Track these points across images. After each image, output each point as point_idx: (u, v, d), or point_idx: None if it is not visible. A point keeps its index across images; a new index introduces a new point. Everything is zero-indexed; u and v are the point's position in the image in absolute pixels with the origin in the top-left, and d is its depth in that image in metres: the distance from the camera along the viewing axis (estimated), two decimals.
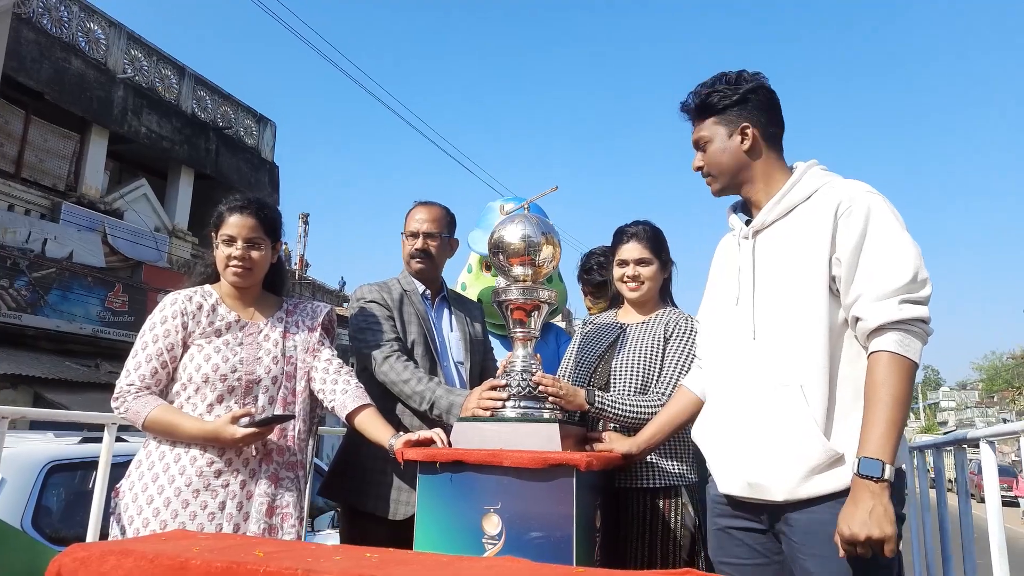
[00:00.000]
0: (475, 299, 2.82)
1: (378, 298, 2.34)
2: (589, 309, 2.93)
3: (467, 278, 2.95)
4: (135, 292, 11.64)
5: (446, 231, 2.47)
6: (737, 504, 1.63)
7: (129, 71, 12.32)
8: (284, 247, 21.70)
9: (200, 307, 2.02)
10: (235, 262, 2.00)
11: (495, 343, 2.88)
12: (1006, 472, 18.27)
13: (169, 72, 13.32)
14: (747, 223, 1.71)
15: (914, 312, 1.44)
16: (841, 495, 1.43)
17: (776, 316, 1.58)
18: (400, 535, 2.00)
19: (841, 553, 1.39)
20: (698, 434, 1.77)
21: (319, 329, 2.13)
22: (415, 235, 2.41)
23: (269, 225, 2.05)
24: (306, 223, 21.30)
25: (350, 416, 2.02)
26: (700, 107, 1.70)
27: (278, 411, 1.98)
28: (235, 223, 2.01)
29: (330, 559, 1.33)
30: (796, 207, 1.62)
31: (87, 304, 11.00)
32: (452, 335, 2.44)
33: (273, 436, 1.98)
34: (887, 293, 1.45)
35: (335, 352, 2.14)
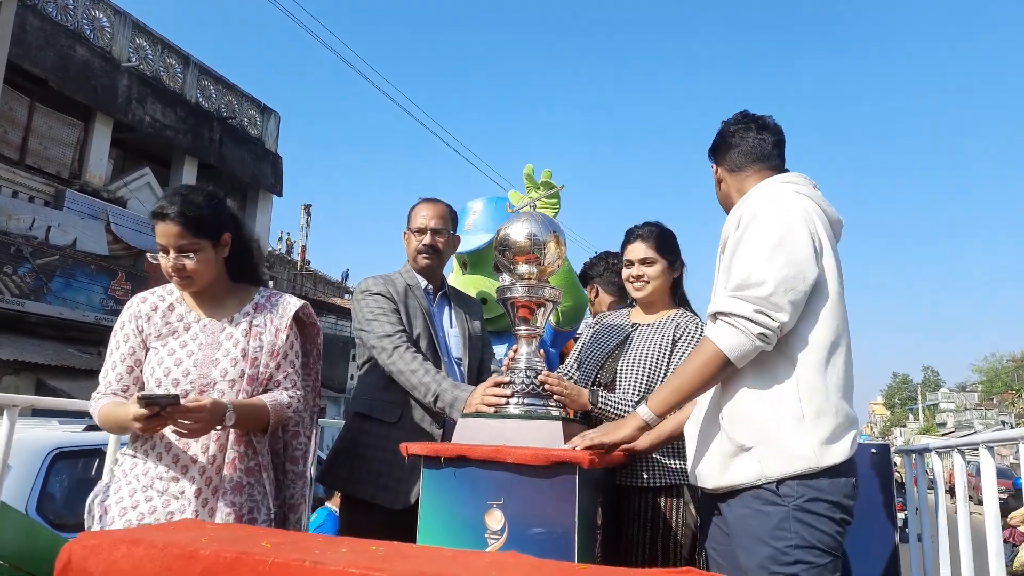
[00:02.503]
0: None
1: (384, 291, 2.35)
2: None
3: (448, 278, 2.99)
4: (138, 280, 11.65)
5: (451, 228, 2.49)
6: (705, 493, 1.80)
7: (134, 60, 12.31)
8: (286, 236, 21.75)
9: (155, 308, 1.93)
10: (171, 273, 1.88)
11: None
12: (1004, 475, 18.29)
13: (174, 61, 13.31)
14: None
15: (733, 307, 1.59)
16: (753, 488, 1.58)
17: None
18: (398, 524, 2.06)
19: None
20: (685, 429, 1.91)
21: (287, 331, 1.97)
22: (422, 231, 2.43)
23: (198, 225, 1.85)
24: (308, 214, 21.32)
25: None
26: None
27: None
28: (161, 232, 1.85)
29: (337, 551, 1.36)
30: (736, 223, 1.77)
31: (90, 292, 11.03)
32: (452, 331, 2.46)
33: (232, 442, 1.86)
34: (729, 290, 1.63)
35: (298, 361, 2.01)
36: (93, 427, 3.95)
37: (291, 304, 2.02)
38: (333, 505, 4.66)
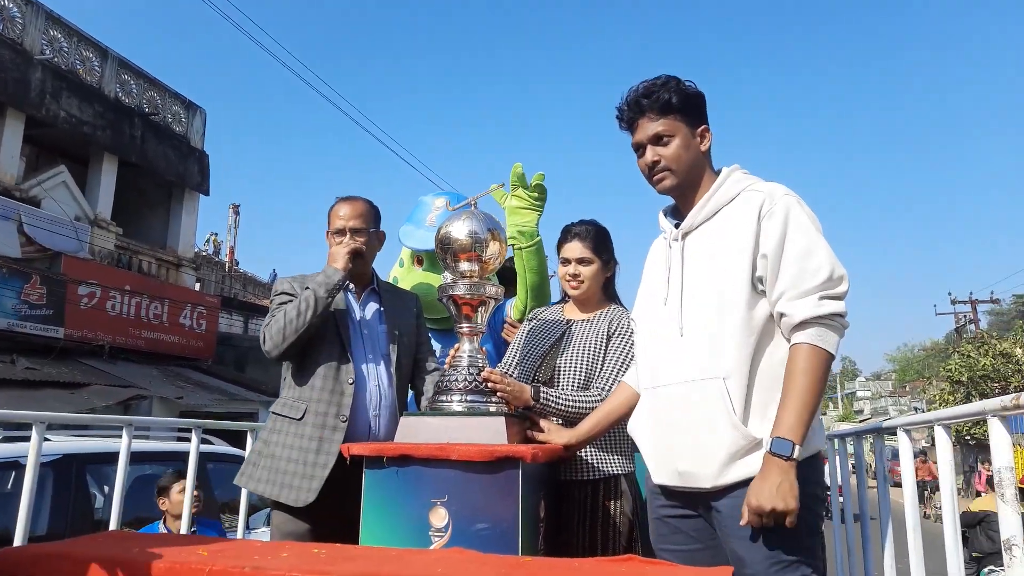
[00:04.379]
0: None
1: (286, 288, 2.35)
2: None
3: (399, 272, 2.93)
4: (54, 284, 11.05)
5: (372, 225, 2.43)
6: (671, 493, 1.71)
7: (47, 52, 11.66)
8: (214, 237, 21.04)
9: None
10: None
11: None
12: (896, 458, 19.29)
13: (91, 54, 12.66)
14: (676, 225, 1.79)
15: (831, 308, 1.56)
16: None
17: (702, 313, 1.67)
18: (301, 519, 2.16)
19: (743, 520, 1.51)
20: (633, 427, 1.85)
21: None
22: (341, 232, 2.37)
23: None
24: (237, 213, 20.70)
25: None
26: (664, 103, 1.72)
27: None
28: None
29: (277, 556, 1.33)
30: (721, 209, 1.72)
31: (1, 297, 10.40)
32: (380, 328, 2.41)
33: None
34: (808, 291, 1.56)
35: None
36: (10, 438, 3.74)
37: None
38: None
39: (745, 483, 1.54)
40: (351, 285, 2.43)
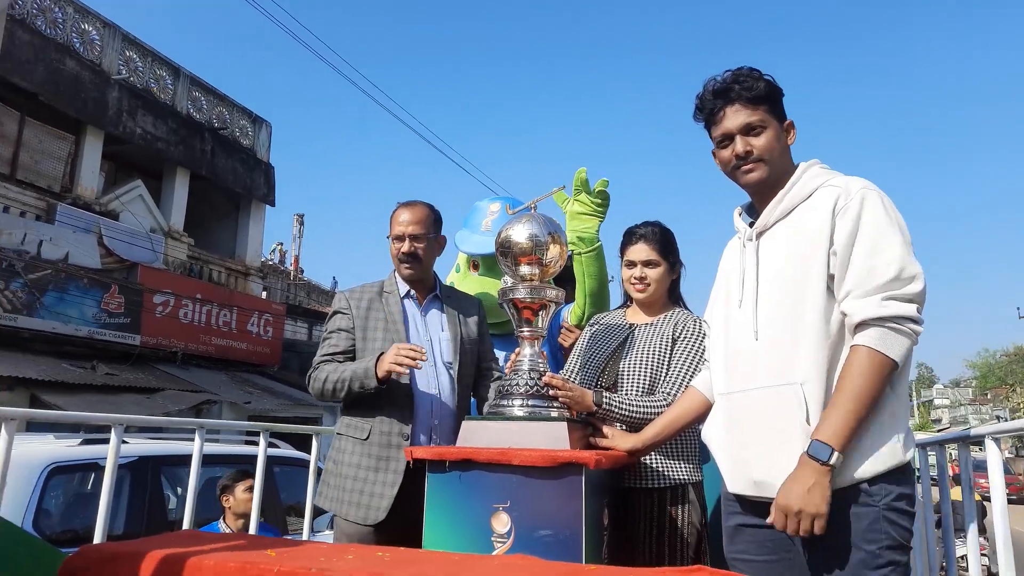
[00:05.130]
0: None
1: (342, 306, 2.39)
2: None
3: (455, 278, 2.93)
4: (131, 293, 11.58)
5: (432, 231, 2.42)
6: (746, 503, 1.64)
7: (124, 72, 12.25)
8: (279, 246, 21.67)
9: None
10: None
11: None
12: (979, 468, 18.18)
13: (164, 73, 13.26)
14: (751, 225, 1.72)
15: (897, 310, 1.46)
16: (839, 491, 1.45)
17: (777, 316, 1.59)
18: (371, 540, 2.15)
19: (769, 520, 1.47)
20: (707, 434, 1.78)
21: None
22: (400, 238, 2.37)
23: None
24: (301, 223, 21.26)
25: None
26: (756, 93, 1.64)
27: None
28: None
29: (342, 558, 1.34)
30: (796, 207, 1.63)
31: (83, 306, 10.94)
32: (443, 335, 2.40)
33: None
34: (871, 289, 1.47)
35: None
36: (89, 441, 3.92)
37: None
38: None
39: None
40: (413, 292, 2.43)
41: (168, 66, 13.34)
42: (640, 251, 2.25)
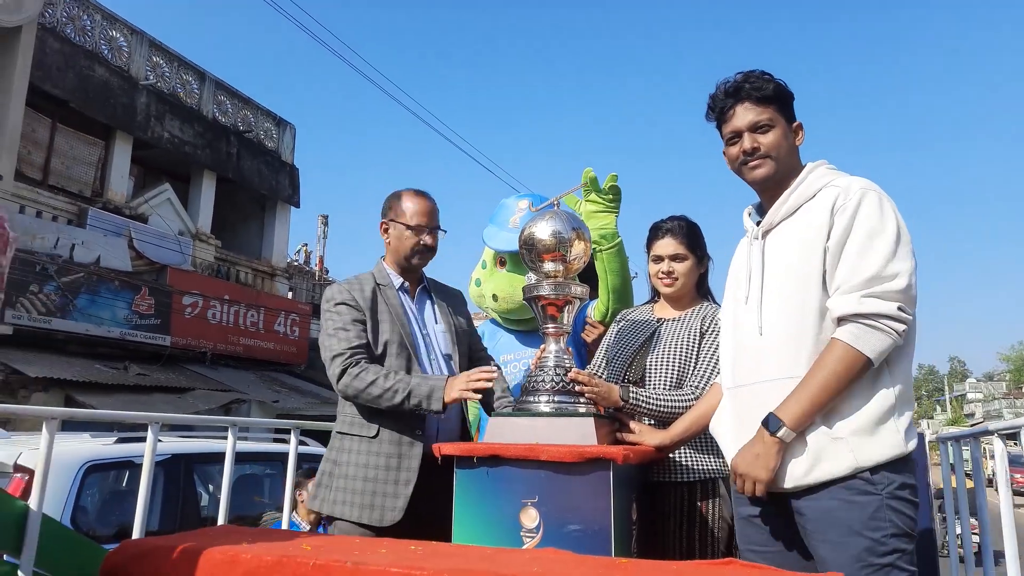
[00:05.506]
0: (491, 295, 2.78)
1: (347, 298, 2.22)
2: None
3: (481, 274, 2.94)
4: (161, 295, 11.79)
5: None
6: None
7: (151, 78, 12.47)
8: (304, 247, 21.91)
9: None
10: None
11: (510, 337, 2.88)
12: (1015, 463, 17.83)
13: (190, 78, 13.47)
14: (758, 224, 1.76)
15: (874, 307, 1.50)
16: (842, 480, 1.50)
17: (781, 312, 1.64)
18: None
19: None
20: (715, 428, 1.83)
21: None
22: (422, 229, 2.29)
23: None
24: (326, 224, 21.45)
25: None
26: (765, 92, 1.69)
27: None
28: None
29: (376, 552, 1.36)
30: (801, 206, 1.68)
31: (114, 308, 11.17)
32: (438, 327, 2.36)
33: None
34: (853, 286, 1.52)
35: None
36: (123, 439, 4.01)
37: None
38: None
39: (827, 484, 1.52)
40: (407, 284, 2.37)
41: (194, 71, 13.55)
42: (667, 245, 2.25)
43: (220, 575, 1.32)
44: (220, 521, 2.55)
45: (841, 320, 1.53)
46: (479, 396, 1.95)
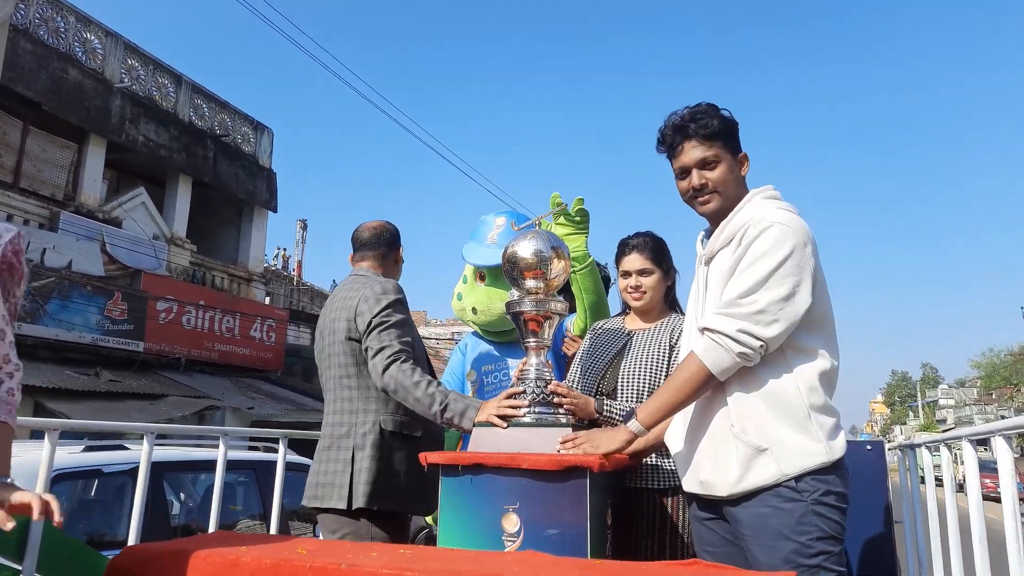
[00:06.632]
0: (471, 308, 2.90)
1: (404, 299, 2.47)
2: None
3: (462, 288, 3.04)
4: (134, 300, 11.68)
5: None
6: (700, 499, 1.83)
7: (126, 80, 12.37)
8: (282, 252, 21.80)
9: None
10: None
11: (490, 349, 2.97)
12: (985, 468, 18.23)
13: (166, 81, 13.38)
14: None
15: (722, 326, 1.66)
16: (771, 488, 1.64)
17: None
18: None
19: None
20: (667, 439, 1.98)
21: None
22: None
23: None
24: (304, 228, 21.36)
25: None
26: (711, 129, 1.81)
27: None
28: None
29: (368, 555, 1.45)
30: (735, 235, 1.79)
31: (86, 313, 11.04)
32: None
33: None
34: (719, 306, 1.70)
35: (6, 321, 1.50)
36: (92, 448, 3.97)
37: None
38: None
39: (757, 492, 1.66)
40: None
41: (170, 74, 13.46)
42: (634, 261, 2.37)
43: None
44: (211, 527, 2.62)
45: (700, 331, 1.71)
46: (506, 424, 2.03)
